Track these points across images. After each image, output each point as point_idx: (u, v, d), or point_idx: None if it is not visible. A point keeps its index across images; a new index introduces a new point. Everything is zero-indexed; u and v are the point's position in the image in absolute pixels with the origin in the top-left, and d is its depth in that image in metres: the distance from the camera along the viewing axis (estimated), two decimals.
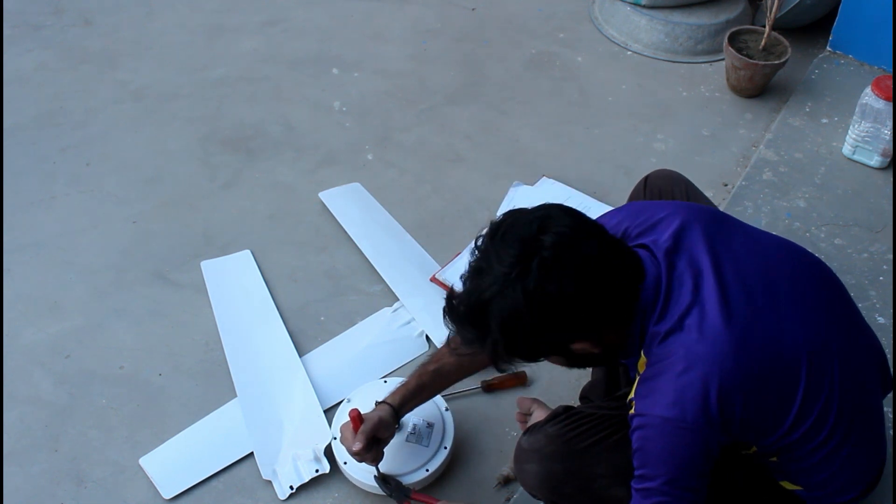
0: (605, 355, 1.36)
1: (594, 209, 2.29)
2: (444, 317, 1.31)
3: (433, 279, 2.20)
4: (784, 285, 1.34)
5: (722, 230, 1.38)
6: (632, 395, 1.33)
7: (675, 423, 1.25)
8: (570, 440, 1.48)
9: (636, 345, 1.35)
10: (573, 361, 1.38)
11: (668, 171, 1.77)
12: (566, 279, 1.21)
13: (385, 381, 1.93)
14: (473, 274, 1.27)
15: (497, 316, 1.23)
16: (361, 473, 1.76)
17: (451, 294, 1.31)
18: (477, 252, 1.28)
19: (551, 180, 2.45)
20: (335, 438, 1.80)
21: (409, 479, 1.75)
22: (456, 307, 1.29)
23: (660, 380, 1.28)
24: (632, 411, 1.32)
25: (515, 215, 1.28)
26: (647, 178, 1.80)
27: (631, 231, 1.39)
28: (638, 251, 1.34)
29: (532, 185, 2.43)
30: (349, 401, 1.88)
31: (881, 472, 1.46)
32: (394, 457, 1.77)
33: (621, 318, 1.31)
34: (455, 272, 2.21)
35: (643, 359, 1.34)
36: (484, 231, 1.29)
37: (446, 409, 1.86)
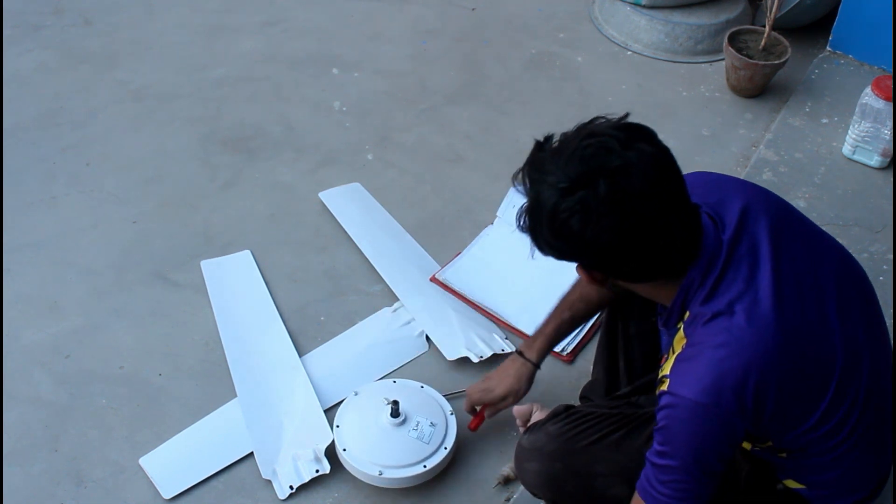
0: (626, 293, 1.38)
1: None
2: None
3: (433, 279, 2.20)
4: (832, 289, 1.33)
5: (787, 223, 1.36)
6: (665, 371, 1.31)
7: (708, 408, 1.23)
8: (571, 438, 1.48)
9: (674, 318, 1.33)
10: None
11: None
12: (604, 230, 1.19)
13: (395, 382, 1.94)
14: (538, 165, 1.26)
15: (538, 215, 1.24)
16: (362, 463, 1.77)
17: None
18: (557, 142, 1.26)
19: None
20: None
21: (406, 474, 1.76)
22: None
23: (699, 362, 1.25)
24: (663, 388, 1.29)
25: (603, 135, 1.22)
26: None
27: (701, 198, 1.35)
28: (704, 222, 1.30)
29: None
30: (357, 394, 1.89)
31: (885, 479, 1.46)
32: (393, 450, 1.77)
33: (659, 284, 1.30)
34: (455, 272, 2.22)
35: (681, 335, 1.32)
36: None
37: (451, 413, 1.87)
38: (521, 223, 1.28)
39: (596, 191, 1.18)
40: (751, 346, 1.24)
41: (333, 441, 1.82)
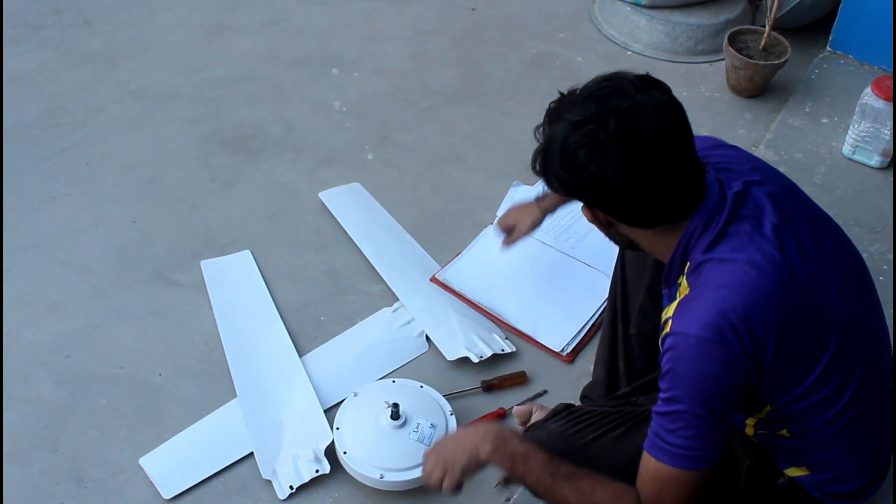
0: (627, 243, 1.41)
1: None
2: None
3: (433, 279, 2.20)
4: (830, 263, 1.35)
5: (791, 197, 1.39)
6: (669, 313, 1.32)
7: (711, 343, 1.24)
8: (572, 436, 1.48)
9: (675, 270, 1.35)
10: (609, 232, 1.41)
11: None
12: (609, 164, 1.24)
13: (394, 382, 1.94)
14: (557, 110, 1.31)
15: (548, 150, 1.30)
16: (362, 466, 1.77)
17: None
18: (577, 90, 1.32)
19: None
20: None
21: (407, 477, 1.75)
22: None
23: (702, 301, 1.27)
24: (666, 331, 1.30)
25: (620, 80, 1.29)
26: None
27: (708, 159, 1.38)
28: (709, 180, 1.33)
29: (532, 185, 2.43)
30: (356, 395, 1.89)
31: (885, 468, 1.46)
32: (394, 452, 1.77)
33: (659, 232, 1.33)
34: (455, 272, 2.22)
35: (684, 285, 1.33)
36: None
37: (451, 413, 1.87)
38: (536, 163, 1.33)
39: (606, 126, 1.23)
40: (754, 287, 1.25)
41: (333, 442, 1.82)
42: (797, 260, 1.30)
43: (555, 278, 2.21)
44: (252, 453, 1.87)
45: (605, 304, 1.89)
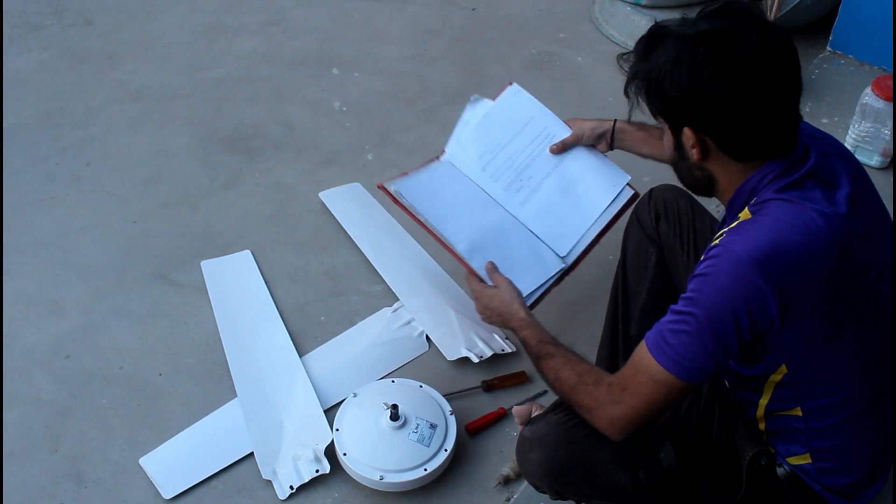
0: (705, 181, 1.38)
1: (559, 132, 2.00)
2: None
3: (380, 186, 1.87)
4: (888, 252, 1.37)
5: (868, 184, 1.40)
6: (723, 230, 1.31)
7: (751, 267, 1.23)
8: (573, 427, 1.48)
9: (740, 200, 1.35)
10: (681, 161, 1.39)
11: (671, 185, 1.77)
12: (743, 87, 1.22)
13: (393, 382, 1.94)
14: (662, 25, 1.31)
15: (654, 58, 1.28)
16: (362, 467, 1.77)
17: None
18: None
19: (517, 88, 2.04)
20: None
21: (407, 478, 1.76)
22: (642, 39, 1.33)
23: (760, 226, 1.26)
24: (714, 242, 1.30)
25: (743, 7, 1.27)
26: (651, 192, 1.82)
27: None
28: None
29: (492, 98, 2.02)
30: (355, 395, 1.89)
31: (879, 471, 1.47)
32: (394, 453, 1.77)
33: (743, 168, 1.32)
34: (411, 186, 1.89)
35: (746, 214, 1.32)
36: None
37: (451, 413, 1.87)
38: (631, 85, 1.33)
39: (745, 41, 1.22)
40: (816, 234, 1.25)
41: (333, 442, 1.82)
42: (862, 234, 1.30)
43: (498, 246, 1.87)
44: (252, 453, 1.87)
45: (558, 274, 1.88)
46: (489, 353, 2.03)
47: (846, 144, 2.55)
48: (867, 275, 1.32)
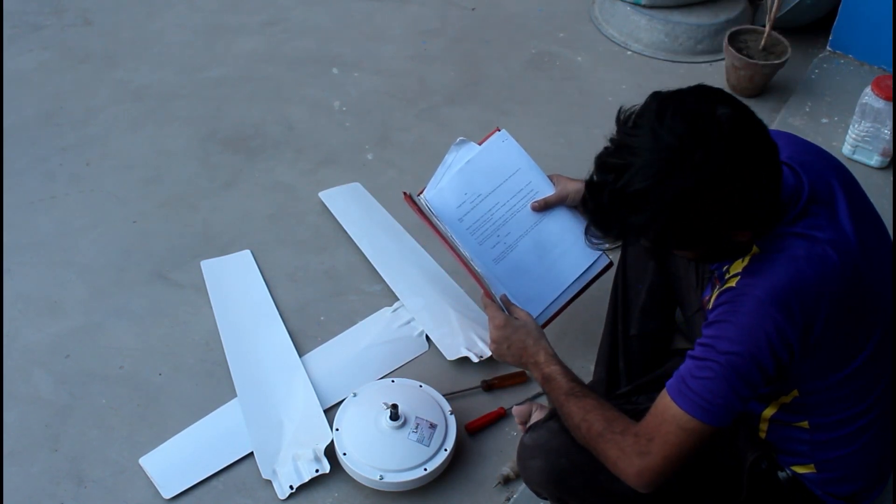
0: (739, 249, 1.33)
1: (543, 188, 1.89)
2: (584, 207, 1.27)
3: (406, 197, 1.86)
4: (888, 259, 1.37)
5: (859, 192, 1.40)
6: (736, 270, 1.31)
7: (773, 308, 1.23)
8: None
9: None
10: (712, 253, 1.33)
11: None
12: (744, 158, 1.20)
13: (393, 381, 1.94)
14: (624, 153, 1.21)
15: (661, 199, 1.18)
16: (362, 467, 1.77)
17: (591, 182, 1.24)
18: (624, 132, 1.24)
19: (505, 135, 1.93)
20: None
21: (407, 478, 1.76)
22: (601, 194, 1.22)
23: (777, 265, 1.26)
24: (730, 284, 1.29)
25: (667, 96, 1.24)
26: None
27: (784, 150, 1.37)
28: (785, 172, 1.32)
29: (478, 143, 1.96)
30: (355, 395, 1.89)
31: (881, 479, 1.47)
32: (394, 453, 1.77)
33: (774, 209, 1.29)
34: (439, 194, 1.90)
35: (755, 249, 1.31)
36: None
37: (450, 413, 1.87)
38: (610, 223, 1.25)
39: (718, 128, 1.19)
40: (831, 267, 1.25)
41: (333, 442, 1.82)
42: (867, 252, 1.31)
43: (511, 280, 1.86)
44: (252, 453, 1.87)
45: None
46: (489, 353, 2.03)
47: (846, 144, 2.55)
48: (871, 288, 1.33)
